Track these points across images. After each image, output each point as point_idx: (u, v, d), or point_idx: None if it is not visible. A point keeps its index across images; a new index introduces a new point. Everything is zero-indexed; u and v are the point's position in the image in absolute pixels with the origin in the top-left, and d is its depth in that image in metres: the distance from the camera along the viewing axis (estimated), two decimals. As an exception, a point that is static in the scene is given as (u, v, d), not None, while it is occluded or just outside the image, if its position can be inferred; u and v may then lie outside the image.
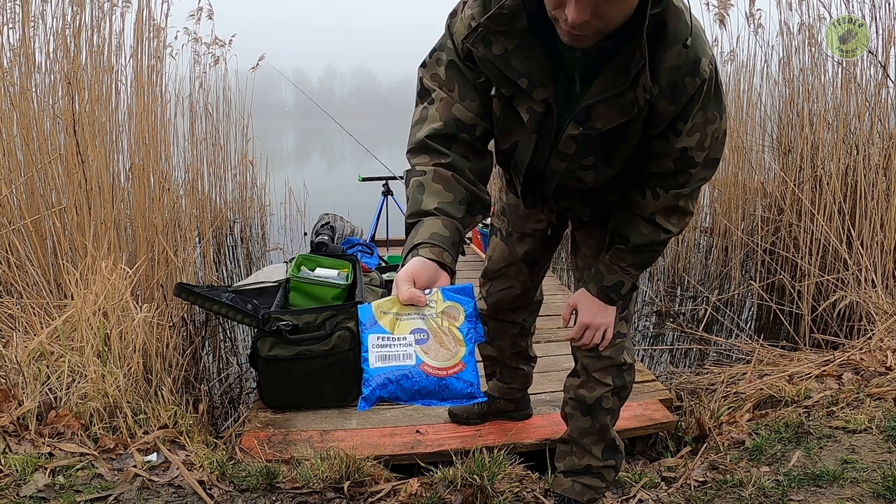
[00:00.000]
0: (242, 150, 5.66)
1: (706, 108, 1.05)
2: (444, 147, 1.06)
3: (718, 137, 1.11)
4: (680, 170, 1.14)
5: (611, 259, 1.29)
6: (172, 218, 3.30)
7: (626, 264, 1.27)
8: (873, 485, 1.60)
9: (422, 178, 1.04)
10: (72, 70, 2.77)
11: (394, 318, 0.86)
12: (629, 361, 1.44)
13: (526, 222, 1.50)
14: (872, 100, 3.31)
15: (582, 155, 1.14)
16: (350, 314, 2.17)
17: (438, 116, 1.07)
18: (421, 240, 0.96)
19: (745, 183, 4.25)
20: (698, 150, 1.10)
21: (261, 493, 1.62)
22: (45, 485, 1.55)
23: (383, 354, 0.83)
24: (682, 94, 1.00)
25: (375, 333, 0.84)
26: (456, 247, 0.98)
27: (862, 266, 2.97)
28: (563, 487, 1.53)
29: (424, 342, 0.85)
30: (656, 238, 1.23)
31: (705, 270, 4.50)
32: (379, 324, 0.85)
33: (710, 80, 1.02)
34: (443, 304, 0.89)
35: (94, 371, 1.95)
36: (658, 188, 1.18)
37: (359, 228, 4.31)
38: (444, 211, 1.00)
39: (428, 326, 0.86)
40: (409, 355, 0.84)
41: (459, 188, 1.03)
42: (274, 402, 2.14)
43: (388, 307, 0.87)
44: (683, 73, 0.98)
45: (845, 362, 2.39)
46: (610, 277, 1.29)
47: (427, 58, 1.11)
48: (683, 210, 1.22)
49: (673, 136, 1.08)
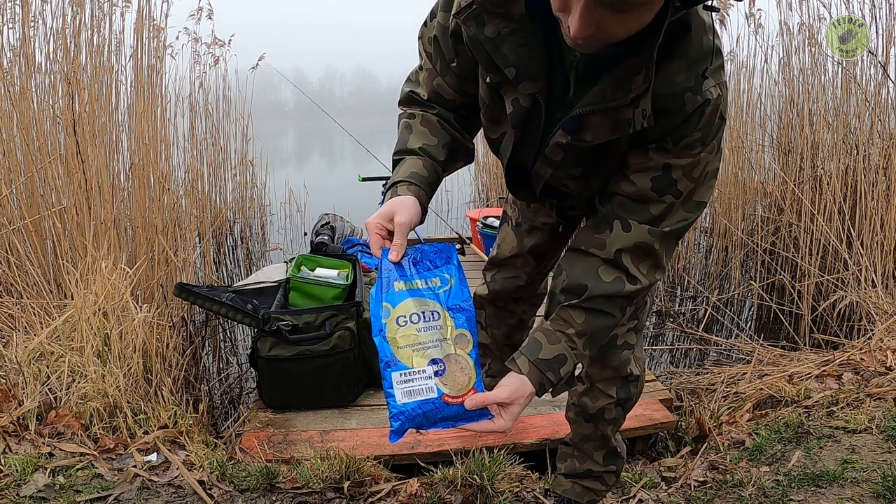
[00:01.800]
0: (242, 150, 5.66)
1: (705, 133, 0.92)
2: (431, 103, 1.09)
3: (709, 173, 0.97)
4: (658, 193, 0.95)
5: (553, 324, 1.00)
6: (172, 218, 3.30)
7: (573, 331, 0.98)
8: (873, 485, 1.60)
9: (410, 121, 1.08)
10: (72, 70, 2.78)
11: (411, 352, 0.90)
12: (636, 373, 1.37)
13: (535, 216, 1.44)
14: (872, 100, 3.31)
15: (570, 164, 1.04)
16: (350, 314, 2.17)
17: (423, 86, 1.10)
18: (401, 178, 1.00)
19: (745, 183, 4.25)
20: (685, 178, 0.95)
21: (261, 493, 1.62)
22: (45, 485, 1.55)
23: (408, 390, 0.89)
24: (679, 112, 0.90)
25: (398, 371, 0.89)
26: (433, 187, 1.03)
27: (862, 266, 2.97)
28: (564, 488, 1.53)
29: (442, 374, 0.90)
30: (619, 290, 0.99)
31: (705, 270, 4.50)
32: (399, 360, 0.90)
33: (714, 106, 0.91)
34: (455, 332, 0.93)
35: (94, 371, 1.95)
36: (629, 218, 0.97)
37: (359, 228, 4.31)
38: (427, 152, 1.04)
39: (443, 354, 0.91)
40: (430, 388, 0.89)
41: (444, 133, 1.06)
42: (274, 402, 2.14)
43: (401, 340, 0.91)
44: (684, 89, 0.89)
45: (845, 362, 2.39)
46: (550, 349, 0.97)
47: (427, 18, 1.07)
48: (656, 258, 1.00)
49: (656, 151, 0.94)
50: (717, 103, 0.91)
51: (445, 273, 0.95)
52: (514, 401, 0.93)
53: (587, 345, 1.00)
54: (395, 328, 0.91)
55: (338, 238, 3.97)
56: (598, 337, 1.02)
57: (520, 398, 0.93)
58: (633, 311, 1.33)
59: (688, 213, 0.99)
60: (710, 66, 0.89)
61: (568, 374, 0.99)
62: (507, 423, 0.92)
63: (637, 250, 0.99)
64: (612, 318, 1.01)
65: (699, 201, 0.99)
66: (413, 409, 0.88)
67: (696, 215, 1.00)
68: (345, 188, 6.79)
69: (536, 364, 0.96)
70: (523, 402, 0.94)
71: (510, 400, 0.92)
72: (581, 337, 0.99)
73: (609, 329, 1.03)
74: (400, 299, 0.92)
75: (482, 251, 4.31)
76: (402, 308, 0.91)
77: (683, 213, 0.98)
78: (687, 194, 0.96)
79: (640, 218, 0.97)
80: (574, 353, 0.99)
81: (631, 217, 0.98)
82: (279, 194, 6.17)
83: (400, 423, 0.89)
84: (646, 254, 0.99)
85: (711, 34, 0.89)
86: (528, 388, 0.95)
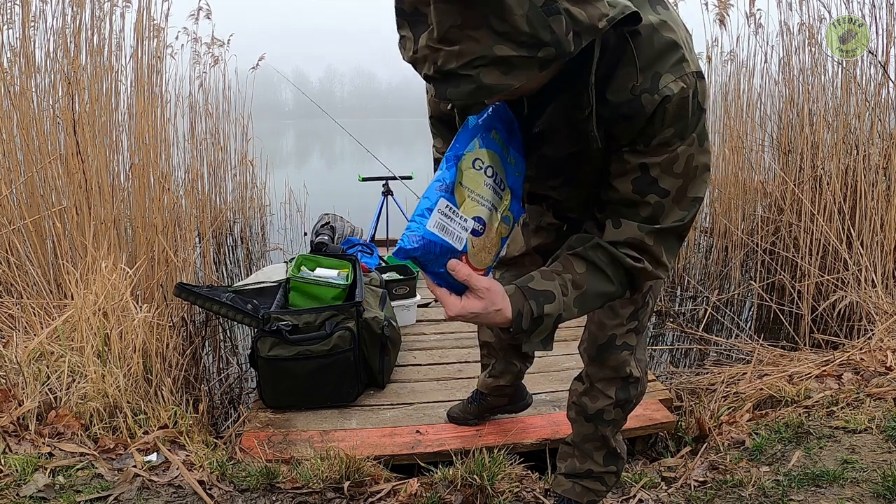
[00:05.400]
0: (242, 150, 5.66)
1: (679, 127, 0.91)
2: (448, 133, 1.29)
3: (698, 167, 0.95)
4: (640, 193, 0.94)
5: (552, 266, 1.00)
6: (172, 218, 3.30)
7: (570, 277, 0.96)
8: (873, 485, 1.60)
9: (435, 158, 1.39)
10: (72, 70, 2.78)
11: (467, 195, 0.88)
12: (636, 375, 1.37)
13: (542, 216, 1.44)
14: (872, 100, 3.31)
15: (546, 176, 1.08)
16: (350, 314, 2.17)
17: (430, 109, 1.33)
18: None
19: (745, 183, 4.25)
20: (666, 175, 0.93)
21: (261, 493, 1.62)
22: (45, 485, 1.55)
23: (443, 225, 0.86)
24: (640, 114, 0.89)
25: (447, 200, 0.86)
26: None
27: (862, 266, 2.97)
28: (564, 488, 1.53)
29: (479, 234, 0.90)
30: (620, 260, 0.97)
31: (705, 270, 4.50)
32: (455, 195, 0.87)
33: (678, 100, 0.89)
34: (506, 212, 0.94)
35: (94, 371, 1.95)
36: (620, 217, 0.97)
37: (359, 228, 4.31)
38: None
39: (488, 219, 0.91)
40: (461, 239, 0.87)
41: None
42: (274, 402, 2.14)
43: (467, 179, 0.88)
44: (640, 91, 0.89)
45: (845, 362, 2.39)
46: (541, 282, 0.95)
47: None
48: (652, 254, 0.98)
49: (631, 153, 0.94)
50: (682, 97, 0.89)
51: (520, 158, 0.99)
52: (484, 297, 0.89)
53: (578, 300, 0.97)
54: (470, 165, 0.89)
55: (338, 238, 3.96)
56: (590, 300, 0.98)
57: (491, 301, 0.90)
58: (634, 311, 1.33)
59: (683, 210, 0.97)
60: (668, 63, 0.89)
61: (549, 316, 0.94)
62: (458, 310, 0.89)
63: (630, 244, 0.97)
64: (611, 285, 0.99)
65: (694, 197, 0.97)
66: (435, 242, 0.85)
67: (693, 212, 0.98)
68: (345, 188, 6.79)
69: (522, 289, 0.94)
70: (490, 306, 0.90)
71: (481, 294, 0.89)
72: (576, 288, 0.96)
73: (603, 297, 0.99)
74: (489, 146, 0.91)
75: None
76: (486, 155, 0.91)
77: (679, 211, 0.97)
78: (677, 191, 0.95)
79: (630, 219, 0.97)
80: (563, 298, 0.95)
81: (622, 219, 0.97)
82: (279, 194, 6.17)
83: (413, 247, 0.84)
84: (640, 248, 0.98)
85: (666, 30, 0.89)
86: (505, 302, 0.91)
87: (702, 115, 0.93)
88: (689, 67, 0.90)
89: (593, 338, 1.38)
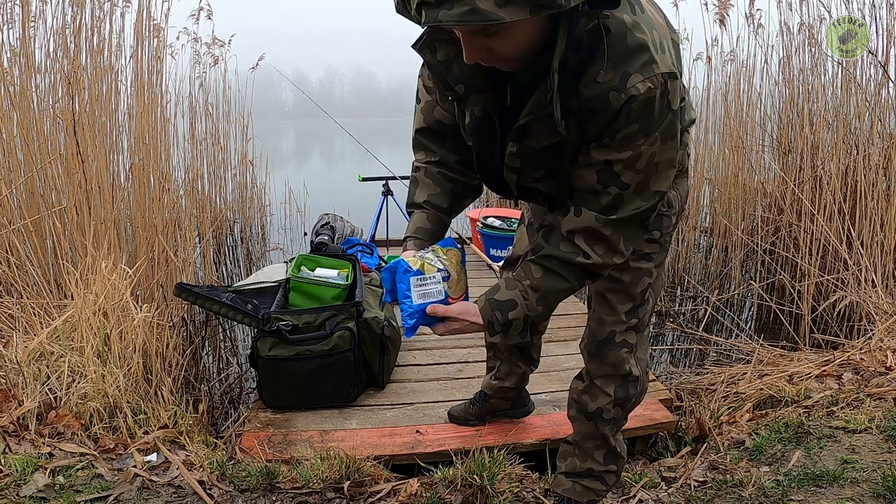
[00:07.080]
0: (242, 150, 5.66)
1: (644, 125, 0.96)
2: (434, 144, 1.26)
3: (659, 163, 1.01)
4: (603, 184, 1.03)
5: (515, 274, 1.14)
6: (172, 218, 3.30)
7: (529, 283, 1.11)
8: (873, 485, 1.60)
9: (416, 174, 1.29)
10: (72, 70, 2.77)
11: (424, 262, 1.11)
12: (636, 373, 1.39)
13: (544, 215, 1.45)
14: (872, 100, 3.31)
15: (530, 168, 1.12)
16: (350, 314, 2.17)
17: (423, 118, 1.26)
18: (409, 233, 1.25)
19: (745, 183, 4.25)
20: (629, 171, 1.00)
21: (261, 493, 1.62)
22: (45, 485, 1.55)
23: (423, 293, 1.09)
24: (607, 110, 0.95)
25: (415, 276, 1.09)
26: (436, 236, 1.25)
27: (862, 266, 2.97)
28: (564, 488, 1.53)
29: (449, 278, 1.13)
30: (572, 258, 1.08)
31: (705, 270, 4.50)
32: (414, 268, 1.09)
33: (644, 100, 0.93)
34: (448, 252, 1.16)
35: (94, 371, 1.95)
36: (581, 206, 1.07)
37: (359, 228, 4.31)
38: (431, 203, 1.26)
39: (447, 266, 1.14)
40: (439, 291, 1.11)
41: (446, 182, 1.26)
42: (274, 402, 2.14)
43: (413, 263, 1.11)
44: (608, 88, 0.93)
45: (845, 362, 2.39)
46: (505, 293, 1.11)
47: None
48: (609, 243, 1.07)
49: (597, 148, 1.01)
50: (648, 97, 0.93)
51: None
52: (458, 315, 1.11)
53: (540, 301, 1.11)
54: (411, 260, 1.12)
55: (338, 238, 3.96)
56: (550, 298, 1.12)
57: (464, 318, 1.11)
58: (632, 308, 1.34)
59: (644, 201, 1.05)
60: (637, 63, 0.92)
61: (517, 320, 1.11)
62: (443, 331, 1.13)
63: (587, 233, 1.07)
64: (566, 282, 1.11)
65: (656, 190, 1.05)
66: (425, 306, 1.09)
67: (654, 202, 1.06)
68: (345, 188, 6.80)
69: (490, 302, 1.12)
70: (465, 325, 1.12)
71: (455, 315, 1.11)
72: (535, 291, 1.11)
73: (561, 293, 1.13)
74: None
75: (482, 251, 4.31)
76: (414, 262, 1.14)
77: (639, 201, 1.04)
78: (637, 185, 1.02)
79: (590, 207, 1.06)
80: (525, 303, 1.11)
81: (584, 206, 1.07)
82: (279, 194, 6.17)
83: (415, 321, 1.09)
84: (597, 238, 1.07)
85: (639, 31, 0.93)
86: (477, 317, 1.11)
87: (669, 115, 0.97)
88: (659, 69, 0.93)
89: (593, 334, 1.39)
